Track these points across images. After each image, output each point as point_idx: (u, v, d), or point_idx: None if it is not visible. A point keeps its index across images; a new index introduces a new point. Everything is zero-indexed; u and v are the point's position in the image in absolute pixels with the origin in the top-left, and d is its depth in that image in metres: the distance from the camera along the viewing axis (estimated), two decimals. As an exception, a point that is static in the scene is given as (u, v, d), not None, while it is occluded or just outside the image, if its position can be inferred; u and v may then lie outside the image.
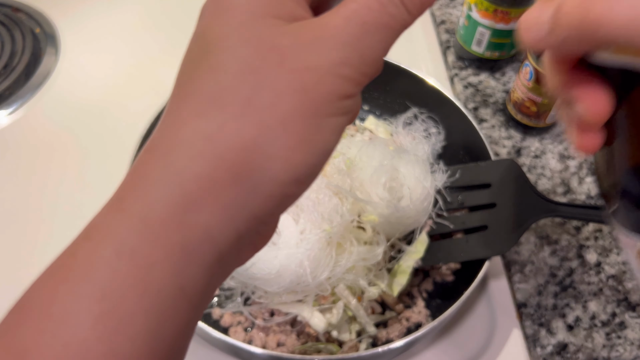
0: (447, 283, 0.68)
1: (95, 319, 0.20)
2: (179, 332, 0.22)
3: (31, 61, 0.95)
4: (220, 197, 0.21)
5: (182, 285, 0.22)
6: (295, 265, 0.57)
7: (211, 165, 0.21)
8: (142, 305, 0.21)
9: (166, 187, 0.21)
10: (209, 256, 0.22)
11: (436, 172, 0.70)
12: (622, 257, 0.33)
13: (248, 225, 0.22)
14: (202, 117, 0.22)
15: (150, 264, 0.21)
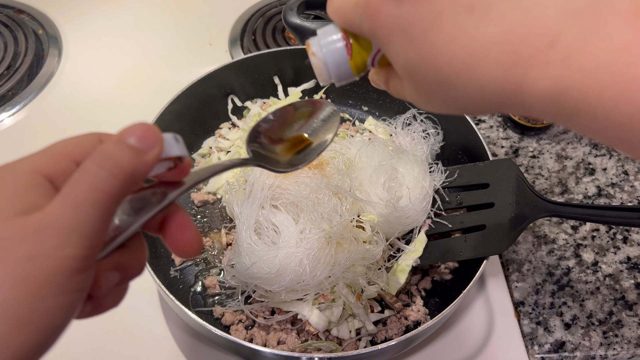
0: (446, 282, 0.69)
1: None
2: None
3: (34, 62, 0.96)
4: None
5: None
6: (295, 264, 0.57)
7: None
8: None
9: None
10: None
11: (435, 172, 0.70)
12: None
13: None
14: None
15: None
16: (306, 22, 0.85)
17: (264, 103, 0.85)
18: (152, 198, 0.32)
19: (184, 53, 1.01)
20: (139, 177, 0.29)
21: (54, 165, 0.28)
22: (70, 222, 0.26)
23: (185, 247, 0.33)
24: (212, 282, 0.67)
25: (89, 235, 0.26)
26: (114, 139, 0.29)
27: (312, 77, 0.86)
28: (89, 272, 0.27)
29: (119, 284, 0.31)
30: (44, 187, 0.28)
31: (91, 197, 0.26)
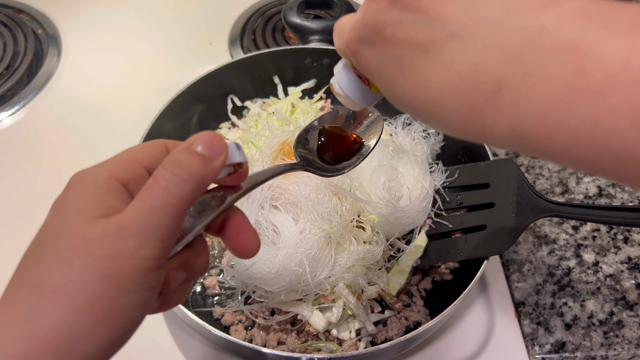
0: (446, 282, 0.69)
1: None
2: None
3: (33, 62, 0.96)
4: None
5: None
6: (295, 264, 0.57)
7: (27, 345, 0.26)
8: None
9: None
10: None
11: (435, 172, 0.70)
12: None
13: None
14: (24, 303, 0.27)
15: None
16: (306, 22, 0.85)
17: (263, 103, 0.85)
18: (213, 202, 0.34)
19: (184, 52, 1.01)
20: (207, 182, 0.31)
21: (126, 172, 0.31)
22: (146, 225, 0.28)
23: (244, 248, 0.35)
24: (211, 283, 0.66)
25: (163, 236, 0.29)
26: (183, 146, 0.31)
27: (312, 77, 0.86)
28: (162, 270, 0.30)
29: (184, 283, 0.34)
30: (119, 191, 0.30)
31: (165, 201, 0.29)
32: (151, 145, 0.34)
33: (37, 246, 0.29)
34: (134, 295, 0.28)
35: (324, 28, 0.84)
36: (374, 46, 0.30)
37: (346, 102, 0.39)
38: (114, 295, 0.27)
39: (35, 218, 0.77)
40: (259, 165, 0.65)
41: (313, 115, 0.80)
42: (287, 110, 0.81)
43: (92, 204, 0.29)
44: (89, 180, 0.31)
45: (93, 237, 0.28)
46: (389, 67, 0.29)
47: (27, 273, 0.28)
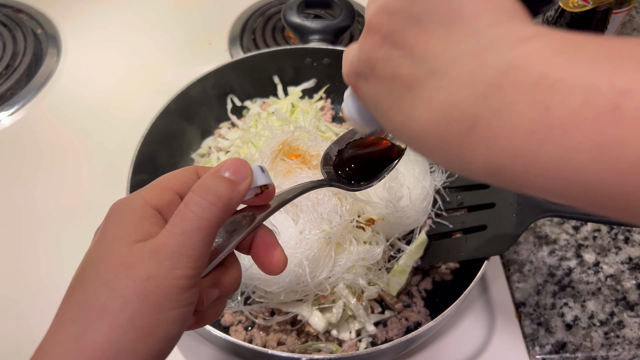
0: (446, 282, 0.69)
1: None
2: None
3: (33, 62, 0.96)
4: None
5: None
6: (295, 265, 0.57)
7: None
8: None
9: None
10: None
11: (435, 172, 0.70)
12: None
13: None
14: (73, 323, 0.29)
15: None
16: (306, 21, 0.84)
17: (263, 102, 0.85)
18: (243, 221, 0.37)
19: (184, 52, 1.01)
20: (234, 205, 0.33)
21: (160, 198, 0.34)
22: (179, 247, 0.30)
23: (272, 265, 0.38)
24: (211, 283, 0.66)
25: (196, 257, 0.31)
26: (212, 172, 0.34)
27: (312, 77, 0.86)
28: (196, 288, 0.32)
29: (218, 299, 0.36)
30: (154, 217, 0.33)
31: (196, 225, 0.31)
32: (183, 172, 0.36)
33: (82, 271, 0.32)
34: (170, 313, 0.30)
35: (324, 28, 0.84)
36: (368, 80, 0.31)
37: (355, 126, 0.41)
38: (152, 313, 0.29)
39: (35, 217, 0.77)
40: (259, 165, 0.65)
41: (313, 114, 0.80)
42: (287, 110, 0.81)
43: (130, 230, 0.32)
44: (126, 208, 0.33)
45: (131, 260, 0.30)
46: (382, 100, 0.30)
47: (74, 295, 0.31)
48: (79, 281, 0.31)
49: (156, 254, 0.30)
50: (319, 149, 0.66)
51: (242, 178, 0.34)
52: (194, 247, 0.31)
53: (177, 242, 0.30)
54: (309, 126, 0.76)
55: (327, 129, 0.80)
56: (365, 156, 0.48)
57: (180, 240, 0.30)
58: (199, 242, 0.31)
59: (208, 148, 0.81)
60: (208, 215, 0.31)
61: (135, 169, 0.66)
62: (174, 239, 0.30)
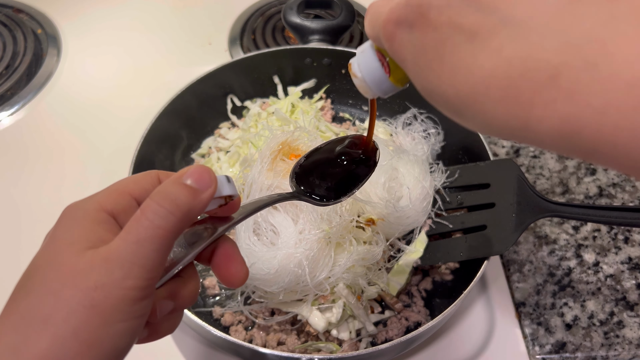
0: (446, 282, 0.69)
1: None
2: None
3: (33, 62, 0.96)
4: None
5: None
6: (294, 265, 0.57)
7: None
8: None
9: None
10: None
11: (435, 172, 0.70)
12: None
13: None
14: (14, 332, 0.28)
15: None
16: (306, 21, 0.84)
17: (263, 102, 0.85)
18: (204, 232, 0.35)
19: (184, 52, 1.01)
20: (194, 214, 0.31)
21: (116, 203, 0.32)
22: (132, 256, 0.29)
23: (231, 277, 0.36)
24: (211, 283, 0.66)
25: (149, 267, 0.29)
26: (172, 179, 0.32)
27: (312, 77, 0.86)
28: (148, 300, 0.30)
29: (173, 312, 0.34)
30: (108, 223, 0.31)
31: (151, 233, 0.29)
32: (143, 176, 0.34)
33: (28, 277, 0.30)
34: (119, 325, 0.29)
35: (324, 28, 0.84)
36: (414, 29, 0.28)
37: (360, 86, 0.38)
38: (99, 325, 0.28)
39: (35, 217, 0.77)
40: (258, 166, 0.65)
41: (313, 114, 0.80)
42: (287, 110, 0.81)
43: (81, 236, 0.30)
44: (79, 212, 0.31)
45: (80, 268, 0.28)
46: (427, 52, 0.28)
47: (17, 303, 0.29)
48: (24, 289, 0.29)
49: (107, 262, 0.28)
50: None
51: (204, 187, 0.32)
52: (147, 256, 0.29)
53: (130, 251, 0.29)
54: (309, 126, 0.76)
55: (327, 129, 0.80)
56: (333, 169, 0.47)
57: (133, 248, 0.29)
58: (153, 252, 0.29)
59: (208, 148, 0.81)
60: (165, 224, 0.30)
61: (136, 169, 0.66)
62: (126, 247, 0.29)
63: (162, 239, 0.30)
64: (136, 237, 0.29)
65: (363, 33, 1.04)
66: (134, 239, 0.29)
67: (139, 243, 0.29)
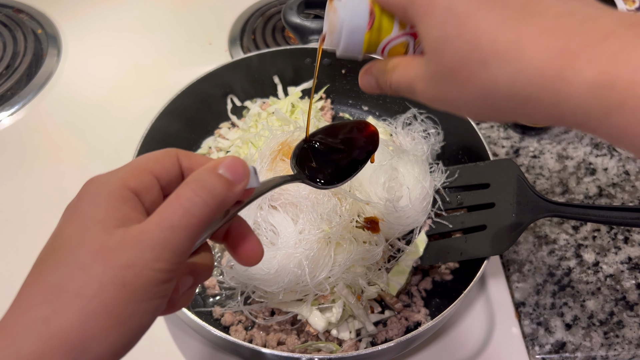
0: (446, 282, 0.69)
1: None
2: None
3: (33, 62, 0.96)
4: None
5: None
6: (294, 265, 0.57)
7: (45, 344, 0.27)
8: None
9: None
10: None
11: (435, 172, 0.70)
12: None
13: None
14: (44, 304, 0.28)
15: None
16: (306, 22, 0.84)
17: (263, 103, 0.85)
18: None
19: (184, 52, 1.01)
20: (227, 205, 0.32)
21: (139, 181, 0.33)
22: (164, 241, 0.29)
23: (247, 256, 0.37)
24: (211, 283, 0.66)
25: (179, 252, 0.30)
26: (209, 168, 0.32)
27: (312, 77, 0.86)
28: (174, 280, 0.31)
29: (191, 287, 0.36)
30: (133, 201, 0.32)
31: (185, 222, 0.30)
32: (163, 154, 0.35)
33: (53, 250, 0.30)
34: (146, 304, 0.29)
35: (323, 28, 0.84)
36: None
37: (332, 24, 0.36)
38: (128, 303, 0.29)
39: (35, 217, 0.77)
40: (258, 166, 0.65)
41: (313, 114, 0.80)
42: (287, 110, 0.81)
43: (108, 213, 0.30)
44: (104, 189, 0.32)
45: (111, 246, 0.29)
46: (469, 1, 0.30)
47: (45, 275, 0.29)
48: (50, 261, 0.30)
49: (138, 243, 0.29)
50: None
51: (239, 179, 0.32)
52: (179, 242, 0.30)
53: (163, 236, 0.29)
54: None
55: (327, 129, 0.80)
56: (333, 154, 0.48)
57: (166, 234, 0.29)
58: (185, 239, 0.30)
59: (208, 148, 0.81)
60: (199, 213, 0.30)
61: (136, 169, 0.66)
62: (160, 232, 0.29)
63: (195, 227, 0.30)
64: (170, 223, 0.30)
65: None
66: (168, 224, 0.30)
67: (172, 229, 0.30)
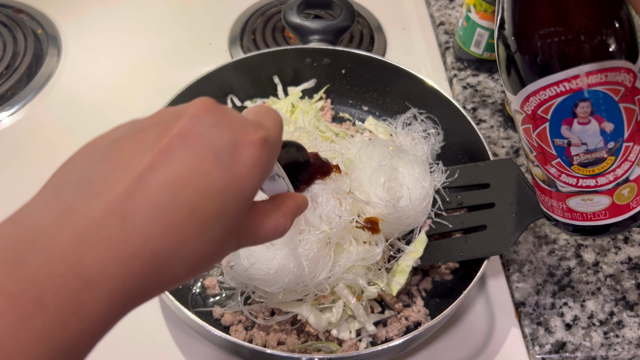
0: (446, 282, 0.69)
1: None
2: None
3: (33, 62, 0.96)
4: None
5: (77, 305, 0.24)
6: (294, 265, 0.57)
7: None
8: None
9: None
10: (105, 288, 0.25)
11: (435, 172, 0.70)
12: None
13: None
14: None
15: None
16: (306, 22, 0.84)
17: (263, 103, 0.85)
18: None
19: (184, 52, 1.01)
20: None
21: None
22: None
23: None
24: (211, 283, 0.66)
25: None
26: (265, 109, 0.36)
27: (312, 77, 0.86)
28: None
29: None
30: None
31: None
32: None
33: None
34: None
35: (324, 28, 0.84)
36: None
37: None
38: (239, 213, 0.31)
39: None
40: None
41: (313, 115, 0.80)
42: (287, 110, 0.81)
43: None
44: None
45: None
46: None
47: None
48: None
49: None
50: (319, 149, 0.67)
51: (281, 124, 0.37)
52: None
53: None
54: (309, 126, 0.76)
55: (327, 129, 0.80)
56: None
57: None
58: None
59: (208, 148, 0.81)
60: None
61: (136, 169, 0.66)
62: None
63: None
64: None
65: (363, 33, 1.04)
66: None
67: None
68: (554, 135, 0.38)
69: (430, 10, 1.10)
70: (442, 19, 1.05)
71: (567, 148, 0.38)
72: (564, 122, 0.37)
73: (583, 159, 0.38)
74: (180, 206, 0.27)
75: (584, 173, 0.39)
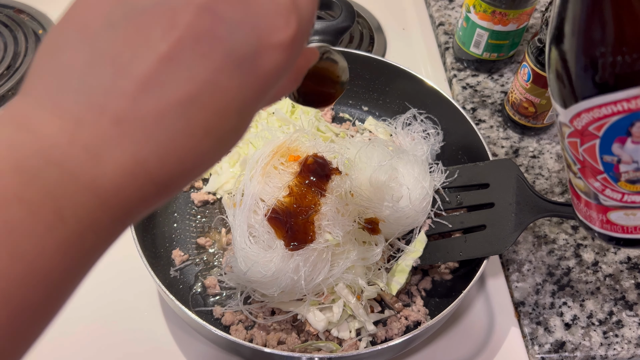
0: (446, 282, 0.69)
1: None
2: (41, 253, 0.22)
3: (34, 62, 0.96)
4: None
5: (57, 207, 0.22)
6: (292, 268, 0.57)
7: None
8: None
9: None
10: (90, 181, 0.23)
11: (435, 172, 0.70)
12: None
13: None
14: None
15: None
16: (306, 22, 0.85)
17: (264, 103, 0.85)
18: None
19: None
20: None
21: None
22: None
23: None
24: (212, 282, 0.67)
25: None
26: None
27: (312, 77, 0.86)
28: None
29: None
30: None
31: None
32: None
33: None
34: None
35: (324, 28, 0.84)
36: None
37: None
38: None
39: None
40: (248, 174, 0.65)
41: (313, 115, 0.80)
42: (287, 110, 0.81)
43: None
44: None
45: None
46: None
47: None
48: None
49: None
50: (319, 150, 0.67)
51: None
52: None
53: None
54: (309, 127, 0.76)
55: (327, 129, 0.80)
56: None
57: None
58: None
59: (208, 148, 0.81)
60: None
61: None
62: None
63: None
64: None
65: (363, 33, 1.04)
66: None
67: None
68: (604, 152, 0.38)
69: (430, 11, 1.10)
70: (441, 20, 1.05)
71: (616, 165, 0.38)
72: (617, 140, 0.37)
73: (632, 176, 0.38)
74: (194, 128, 0.24)
75: (630, 189, 0.39)
